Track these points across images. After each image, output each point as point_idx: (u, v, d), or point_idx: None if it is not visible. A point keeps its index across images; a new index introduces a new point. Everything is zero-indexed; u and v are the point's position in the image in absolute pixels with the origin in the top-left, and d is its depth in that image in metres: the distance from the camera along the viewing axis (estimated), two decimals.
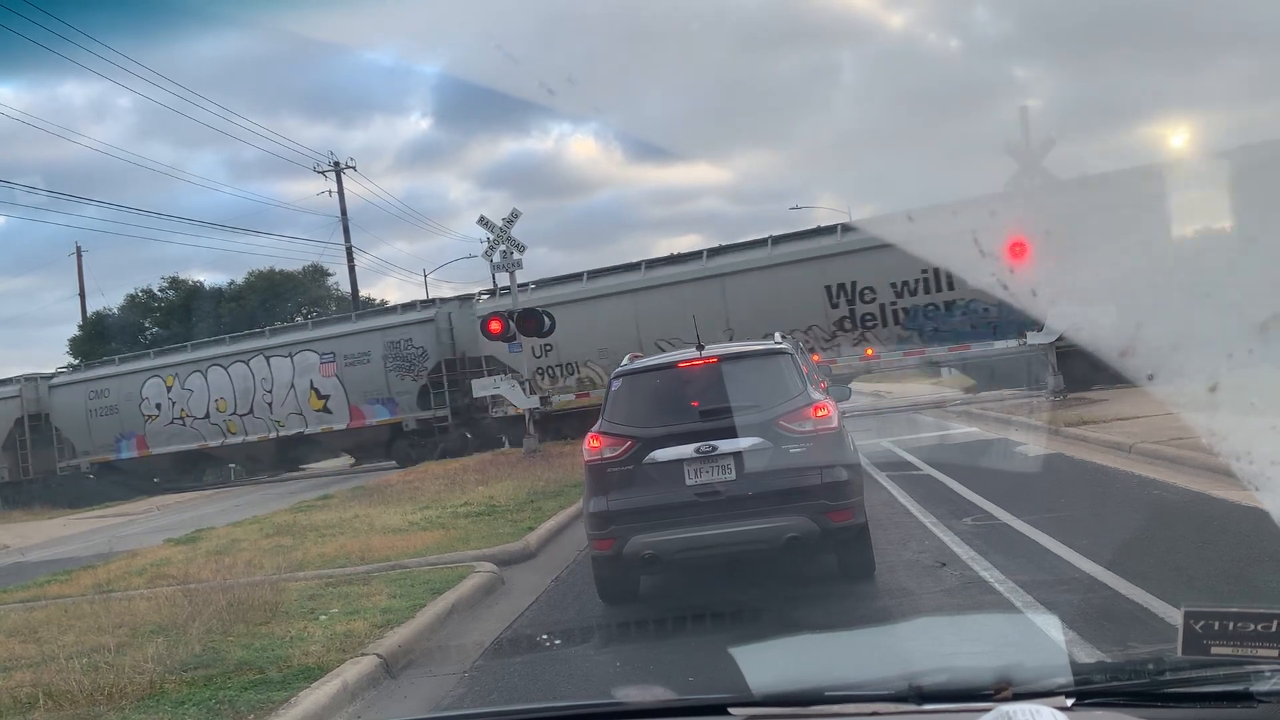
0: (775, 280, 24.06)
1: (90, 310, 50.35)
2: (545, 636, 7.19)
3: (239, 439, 30.59)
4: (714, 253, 25.61)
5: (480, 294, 28.15)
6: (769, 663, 2.67)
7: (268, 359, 29.99)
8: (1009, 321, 21.37)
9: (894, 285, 23.37)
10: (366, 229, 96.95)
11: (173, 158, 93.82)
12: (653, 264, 26.26)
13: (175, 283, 52.22)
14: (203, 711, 5.92)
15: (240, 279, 51.59)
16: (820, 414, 7.38)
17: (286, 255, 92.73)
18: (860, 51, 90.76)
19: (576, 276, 27.35)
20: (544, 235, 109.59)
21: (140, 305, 51.73)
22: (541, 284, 27.12)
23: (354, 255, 42.32)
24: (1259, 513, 6.76)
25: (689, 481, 7.22)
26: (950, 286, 22.75)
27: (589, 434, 7.72)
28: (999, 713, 1.80)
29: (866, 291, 23.51)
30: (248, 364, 30.24)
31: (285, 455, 31.40)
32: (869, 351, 23.88)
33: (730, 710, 2.16)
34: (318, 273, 51.01)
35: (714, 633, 6.22)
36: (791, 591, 7.47)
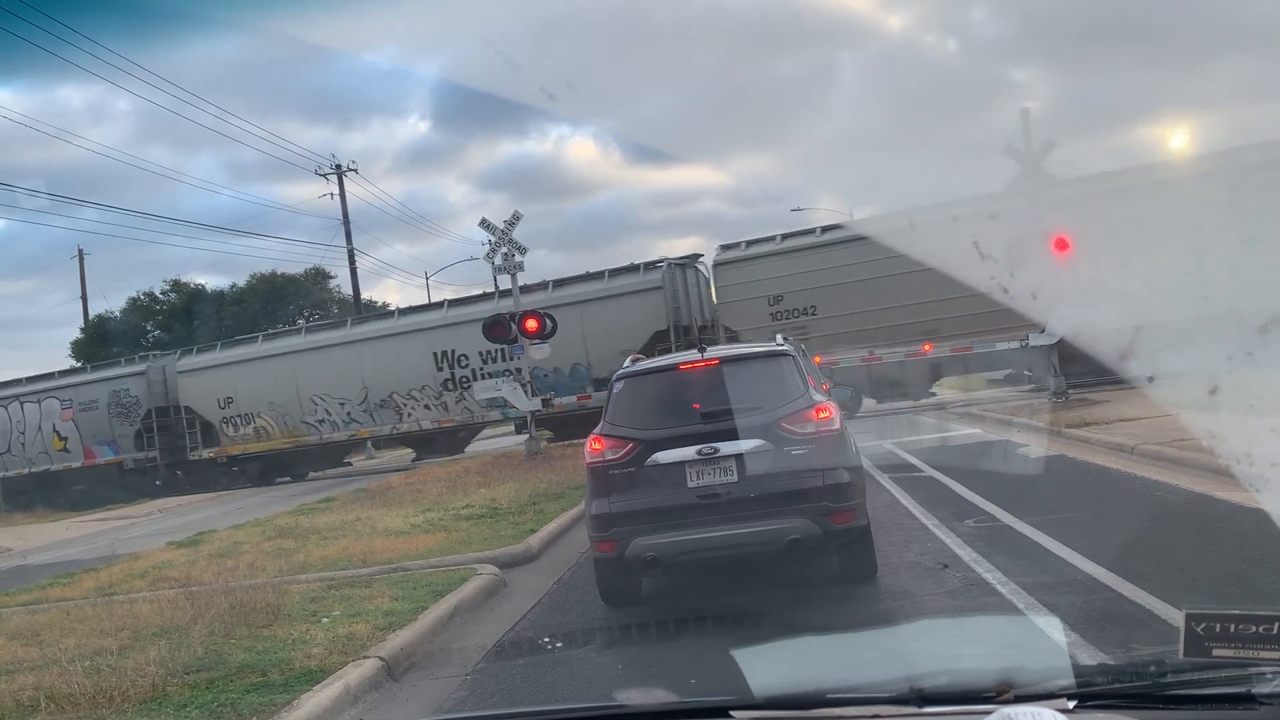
0: (398, 346, 29.03)
1: (92, 313, 50.50)
2: (547, 639, 7.19)
3: (0, 474, 35.07)
4: (356, 321, 31.82)
5: (181, 351, 33.91)
6: (771, 665, 2.67)
7: (21, 404, 34.77)
8: (562, 385, 26.48)
9: (481, 354, 27.78)
10: (367, 231, 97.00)
11: (173, 160, 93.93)
12: (311, 329, 32.28)
13: (177, 285, 52.32)
14: (205, 714, 5.92)
15: (242, 282, 51.69)
16: (822, 416, 7.38)
17: (288, 258, 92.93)
18: (858, 54, 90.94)
19: (253, 338, 32.73)
20: (544, 237, 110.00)
21: (142, 308, 51.79)
22: (226, 344, 32.87)
23: (355, 258, 42.39)
24: (1260, 514, 6.76)
25: (691, 484, 7.22)
26: (519, 355, 26.22)
27: (591, 436, 7.71)
28: (1001, 715, 1.80)
29: (462, 358, 28.22)
30: (5, 409, 35.06)
31: (42, 489, 33.91)
32: (871, 355, 24.12)
33: (732, 712, 2.16)
34: (319, 275, 51.04)
35: (716, 635, 6.21)
36: (793, 593, 7.47)
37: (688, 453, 7.22)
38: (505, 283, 24.31)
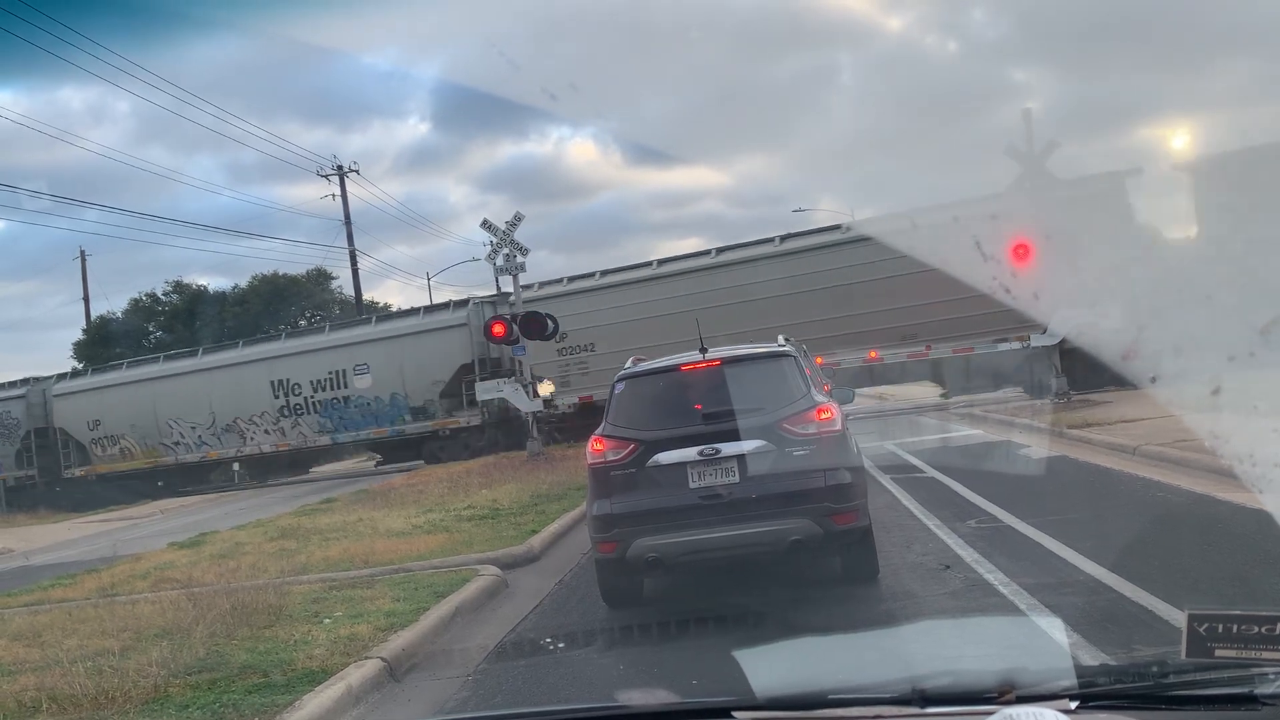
0: (240, 375, 31.29)
1: (94, 314, 50.52)
2: (549, 640, 7.19)
3: None
4: (207, 350, 33.82)
5: (57, 376, 35.90)
6: (772, 665, 2.67)
7: None
8: (384, 414, 29.09)
9: (312, 382, 30.18)
10: (368, 232, 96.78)
11: (173, 161, 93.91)
12: (169, 357, 34.54)
13: (179, 286, 52.27)
14: (207, 715, 5.93)
15: (244, 283, 51.65)
16: (824, 416, 7.37)
17: (290, 259, 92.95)
18: (858, 55, 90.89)
19: (117, 365, 35.40)
20: (544, 238, 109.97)
21: (144, 309, 51.75)
22: (96, 370, 35.53)
23: (357, 258, 42.40)
24: (1262, 515, 6.76)
25: (692, 484, 7.22)
26: (345, 385, 29.64)
27: (593, 437, 7.71)
28: (1002, 715, 1.80)
29: (296, 386, 30.47)
30: None
31: None
32: (873, 354, 24.15)
33: (734, 713, 2.16)
34: (321, 276, 51.00)
35: (717, 636, 6.21)
36: (795, 594, 7.46)
37: (689, 453, 7.22)
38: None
